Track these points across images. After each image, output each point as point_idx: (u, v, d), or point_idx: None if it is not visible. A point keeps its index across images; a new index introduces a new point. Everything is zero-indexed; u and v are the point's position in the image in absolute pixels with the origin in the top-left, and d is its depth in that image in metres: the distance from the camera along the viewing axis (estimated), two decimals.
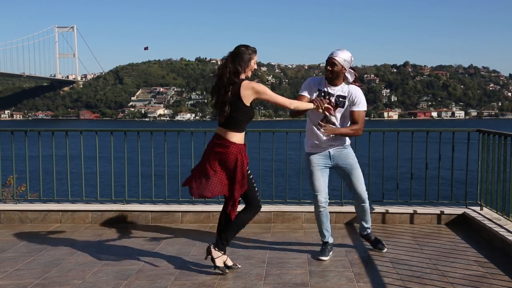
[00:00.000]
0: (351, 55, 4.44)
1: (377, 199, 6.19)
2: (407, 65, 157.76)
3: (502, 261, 4.49)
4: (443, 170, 6.13)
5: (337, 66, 4.38)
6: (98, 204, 6.18)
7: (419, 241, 5.14)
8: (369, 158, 6.03)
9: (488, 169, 5.67)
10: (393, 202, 6.15)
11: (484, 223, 5.30)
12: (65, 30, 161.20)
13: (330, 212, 5.88)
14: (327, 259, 4.56)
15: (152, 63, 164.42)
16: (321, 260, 4.52)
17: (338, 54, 4.38)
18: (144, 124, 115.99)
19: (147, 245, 5.05)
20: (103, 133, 6.36)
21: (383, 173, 6.01)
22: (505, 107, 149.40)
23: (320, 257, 4.55)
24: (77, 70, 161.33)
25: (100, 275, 4.18)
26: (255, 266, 4.37)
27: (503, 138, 5.34)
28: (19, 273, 4.23)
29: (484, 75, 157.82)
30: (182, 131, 6.19)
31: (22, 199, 6.42)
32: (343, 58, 4.36)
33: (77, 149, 6.09)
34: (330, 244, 4.68)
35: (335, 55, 4.39)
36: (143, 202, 6.24)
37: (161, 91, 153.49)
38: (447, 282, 3.97)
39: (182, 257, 4.62)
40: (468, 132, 6.03)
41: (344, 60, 4.37)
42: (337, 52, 4.41)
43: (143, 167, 6.13)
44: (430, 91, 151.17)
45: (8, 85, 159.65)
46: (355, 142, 6.07)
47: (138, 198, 6.23)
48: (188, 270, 4.29)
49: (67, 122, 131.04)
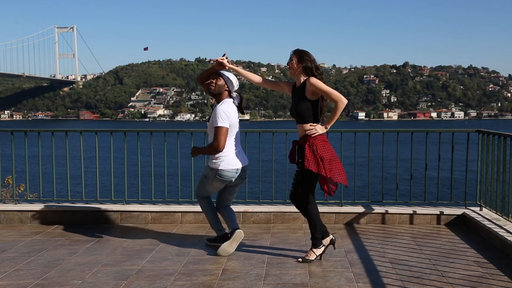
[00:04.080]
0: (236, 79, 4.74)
1: (377, 199, 6.20)
2: (407, 65, 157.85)
3: (502, 262, 4.49)
4: (442, 170, 6.14)
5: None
6: (98, 204, 6.18)
7: (419, 242, 5.15)
8: (368, 158, 6.04)
9: (487, 170, 5.68)
10: (393, 202, 6.15)
11: (484, 223, 5.30)
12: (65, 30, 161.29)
13: (330, 212, 5.92)
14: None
15: (152, 63, 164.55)
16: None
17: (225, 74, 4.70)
18: (143, 125, 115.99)
19: (147, 246, 5.05)
20: (103, 133, 6.36)
21: (382, 174, 6.02)
22: (504, 108, 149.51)
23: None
24: (77, 71, 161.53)
25: (100, 275, 4.18)
26: (255, 266, 4.38)
27: (503, 139, 5.34)
28: (19, 273, 4.24)
29: (484, 76, 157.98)
30: (182, 132, 6.20)
31: (22, 199, 6.42)
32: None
33: (77, 149, 6.09)
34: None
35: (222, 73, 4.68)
36: (143, 202, 6.25)
37: (161, 91, 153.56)
38: (446, 283, 3.97)
39: (182, 257, 4.63)
40: (467, 132, 6.03)
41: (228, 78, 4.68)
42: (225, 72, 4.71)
43: (143, 167, 6.13)
44: (430, 91, 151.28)
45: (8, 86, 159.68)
46: (355, 142, 6.09)
47: (138, 199, 6.23)
48: (188, 270, 4.29)
49: (67, 123, 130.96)
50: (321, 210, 5.88)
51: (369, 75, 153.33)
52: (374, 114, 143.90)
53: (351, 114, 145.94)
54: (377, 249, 4.89)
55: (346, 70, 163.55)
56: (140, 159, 6.17)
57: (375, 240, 5.19)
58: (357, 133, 6.12)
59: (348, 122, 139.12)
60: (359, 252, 4.80)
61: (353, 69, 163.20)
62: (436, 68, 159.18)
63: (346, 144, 6.08)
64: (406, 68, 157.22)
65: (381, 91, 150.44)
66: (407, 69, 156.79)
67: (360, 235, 5.40)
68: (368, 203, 6.12)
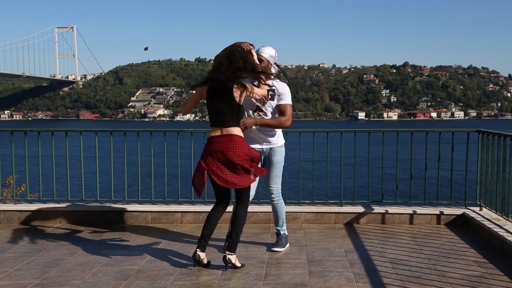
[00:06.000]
0: (275, 51, 4.61)
1: (377, 199, 6.20)
2: (407, 65, 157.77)
3: (502, 262, 4.49)
4: (442, 170, 6.14)
5: (264, 62, 4.53)
6: (97, 204, 6.18)
7: (419, 242, 5.15)
8: (368, 158, 6.04)
9: (487, 170, 5.68)
10: (393, 202, 6.15)
11: (484, 223, 5.30)
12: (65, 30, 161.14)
13: (330, 212, 5.93)
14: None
15: (152, 63, 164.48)
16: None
17: (264, 51, 4.54)
18: (143, 125, 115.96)
19: (146, 245, 5.05)
20: (103, 133, 6.36)
21: (382, 174, 6.02)
22: (504, 108, 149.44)
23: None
24: (76, 71, 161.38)
25: (99, 275, 4.18)
26: (254, 266, 4.38)
27: (503, 139, 5.34)
28: (19, 273, 4.24)
29: (484, 76, 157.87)
30: (182, 132, 6.20)
31: (22, 199, 6.42)
32: (269, 54, 4.54)
33: (77, 149, 6.09)
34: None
35: (261, 51, 4.53)
36: (143, 202, 6.25)
37: (160, 91, 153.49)
38: (446, 283, 3.98)
39: (182, 257, 4.63)
40: (467, 132, 6.04)
41: (270, 56, 4.55)
42: (263, 48, 4.56)
43: (143, 167, 6.13)
44: (430, 91, 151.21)
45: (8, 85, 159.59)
46: (355, 142, 6.10)
47: (138, 199, 6.23)
48: (188, 270, 4.29)
49: (66, 123, 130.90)
50: (321, 210, 5.92)
51: (369, 75, 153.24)
52: (374, 114, 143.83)
53: (351, 114, 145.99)
54: (377, 249, 4.89)
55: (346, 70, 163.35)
56: (140, 159, 6.17)
57: (375, 240, 5.19)
58: (357, 133, 6.13)
59: (348, 122, 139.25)
60: (359, 252, 4.80)
61: (353, 69, 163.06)
62: (436, 68, 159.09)
63: (346, 144, 6.08)
64: (406, 68, 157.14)
65: (381, 91, 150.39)
66: (407, 69, 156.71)
67: (360, 235, 5.40)
68: (368, 203, 6.12)
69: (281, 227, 4.90)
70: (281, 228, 4.90)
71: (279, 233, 4.90)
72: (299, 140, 6.20)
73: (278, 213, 4.88)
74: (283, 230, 4.90)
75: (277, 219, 4.90)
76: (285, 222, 4.94)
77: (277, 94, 4.60)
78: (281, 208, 4.87)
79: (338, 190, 6.16)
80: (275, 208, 4.87)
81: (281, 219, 4.89)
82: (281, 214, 4.88)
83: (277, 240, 4.89)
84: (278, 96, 4.60)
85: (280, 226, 4.90)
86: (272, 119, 4.58)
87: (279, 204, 4.85)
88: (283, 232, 4.91)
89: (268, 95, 4.54)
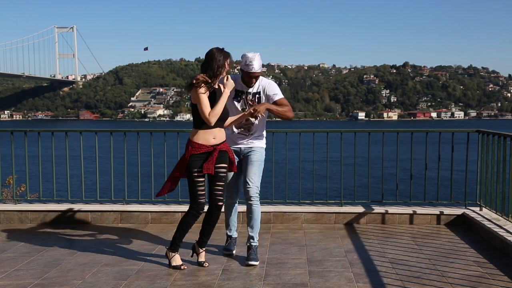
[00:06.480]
0: (259, 54, 4.58)
1: (377, 199, 6.20)
2: (407, 65, 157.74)
3: (502, 262, 4.49)
4: (442, 170, 6.15)
5: (258, 76, 4.62)
6: (97, 204, 6.18)
7: (419, 242, 5.15)
8: (368, 158, 6.04)
9: (487, 170, 5.68)
10: (393, 202, 6.16)
11: (484, 223, 5.30)
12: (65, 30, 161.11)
13: (330, 212, 5.93)
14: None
15: (152, 63, 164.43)
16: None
17: (256, 66, 4.49)
18: (143, 125, 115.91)
19: (146, 246, 5.05)
20: (103, 133, 6.37)
21: (382, 174, 6.02)
22: (504, 108, 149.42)
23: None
24: (76, 71, 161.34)
25: (99, 275, 4.18)
26: (254, 266, 4.38)
27: (503, 139, 5.35)
28: (19, 273, 4.24)
29: (484, 76, 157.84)
30: (182, 132, 6.19)
31: (22, 199, 6.42)
32: (260, 66, 4.56)
33: (77, 149, 6.09)
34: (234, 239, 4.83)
35: (256, 69, 4.50)
36: (143, 202, 6.25)
37: (160, 91, 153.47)
38: (446, 283, 3.98)
39: (182, 257, 4.62)
40: (467, 132, 6.04)
41: (261, 66, 4.58)
42: (254, 63, 4.47)
43: (143, 167, 6.14)
44: (430, 91, 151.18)
45: (8, 85, 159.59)
46: (355, 142, 6.10)
47: (138, 199, 6.23)
48: (188, 270, 4.29)
49: (66, 123, 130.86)
50: (321, 210, 5.92)
51: (369, 75, 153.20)
52: (374, 114, 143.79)
53: (351, 114, 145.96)
54: (377, 249, 4.89)
55: (346, 70, 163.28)
56: (140, 159, 6.17)
57: (375, 240, 5.19)
58: (357, 133, 6.13)
59: (348, 122, 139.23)
60: (359, 252, 4.80)
61: (353, 69, 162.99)
62: (436, 68, 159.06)
63: (346, 144, 6.09)
64: (406, 68, 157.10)
65: (381, 91, 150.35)
66: (407, 69, 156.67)
67: (360, 235, 5.41)
68: (368, 203, 6.12)
69: (255, 235, 4.56)
70: (255, 239, 4.55)
71: (251, 245, 4.53)
72: (299, 140, 6.20)
73: (254, 214, 4.54)
74: (255, 242, 4.54)
75: (252, 223, 4.54)
76: (259, 231, 4.61)
77: (265, 94, 4.60)
78: (257, 212, 4.55)
79: (338, 190, 6.16)
80: (251, 209, 4.53)
81: (257, 225, 4.56)
82: (257, 218, 4.56)
83: (250, 253, 4.48)
84: (269, 96, 4.59)
85: (254, 233, 4.55)
86: (280, 106, 4.56)
87: (256, 206, 4.53)
88: (255, 244, 4.54)
89: (255, 99, 4.60)
